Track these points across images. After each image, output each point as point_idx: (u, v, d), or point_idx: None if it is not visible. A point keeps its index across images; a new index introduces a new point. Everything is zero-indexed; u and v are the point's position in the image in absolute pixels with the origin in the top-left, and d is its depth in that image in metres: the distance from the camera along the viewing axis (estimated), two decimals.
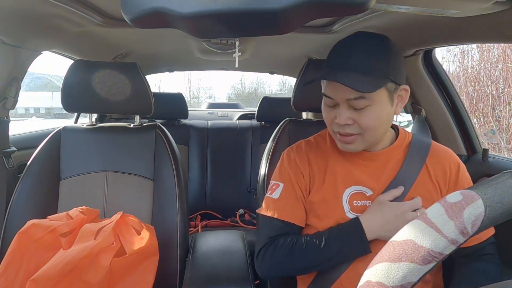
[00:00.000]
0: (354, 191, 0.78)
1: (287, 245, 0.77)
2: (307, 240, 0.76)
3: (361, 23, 1.13)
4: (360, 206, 0.77)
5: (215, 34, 0.63)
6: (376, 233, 0.72)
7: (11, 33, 1.02)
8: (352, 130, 0.73)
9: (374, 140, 0.77)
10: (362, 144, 0.75)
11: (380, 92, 0.70)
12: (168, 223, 1.05)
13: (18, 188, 1.03)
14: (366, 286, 0.34)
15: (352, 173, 0.79)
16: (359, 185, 0.78)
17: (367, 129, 0.72)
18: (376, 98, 0.70)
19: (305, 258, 0.75)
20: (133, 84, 1.11)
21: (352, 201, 0.77)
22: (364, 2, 0.48)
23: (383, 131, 0.77)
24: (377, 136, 0.76)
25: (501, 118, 4.10)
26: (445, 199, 0.35)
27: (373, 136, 0.75)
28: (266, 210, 0.82)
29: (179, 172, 1.11)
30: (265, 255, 0.80)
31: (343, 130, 0.74)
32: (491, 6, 0.71)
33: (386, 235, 0.72)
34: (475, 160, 1.24)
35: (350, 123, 0.72)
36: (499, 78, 4.25)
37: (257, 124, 2.21)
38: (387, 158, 0.79)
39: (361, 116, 0.71)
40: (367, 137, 0.74)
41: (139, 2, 0.51)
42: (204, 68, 2.55)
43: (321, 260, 0.75)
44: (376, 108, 0.71)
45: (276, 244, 0.79)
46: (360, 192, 0.78)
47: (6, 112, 1.16)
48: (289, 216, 0.81)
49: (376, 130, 0.74)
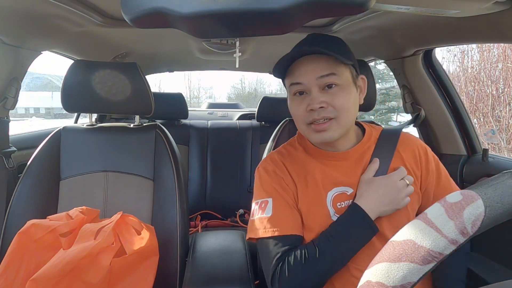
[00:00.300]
0: (336, 193, 0.78)
1: (300, 258, 0.71)
2: (316, 244, 0.72)
3: (361, 23, 1.13)
4: (344, 207, 0.77)
5: (215, 34, 0.63)
6: (376, 210, 0.72)
7: (11, 33, 1.02)
8: (327, 113, 0.73)
9: (347, 127, 0.77)
10: (337, 129, 0.75)
11: (346, 73, 0.74)
12: (168, 223, 1.05)
13: (18, 188, 1.03)
14: (366, 286, 0.34)
15: (330, 175, 0.79)
16: (339, 186, 0.78)
17: (341, 110, 0.73)
18: (343, 78, 0.73)
19: (323, 263, 0.71)
20: (133, 84, 1.11)
21: (336, 204, 0.77)
22: (364, 2, 0.48)
23: (353, 118, 0.78)
24: (349, 121, 0.77)
25: (501, 118, 4.11)
26: (445, 199, 0.35)
27: (347, 119, 0.75)
28: (264, 232, 0.76)
29: (179, 172, 1.11)
30: (280, 279, 0.72)
31: (318, 115, 0.73)
32: (491, 6, 0.71)
33: (385, 210, 0.73)
34: (475, 160, 1.24)
35: (325, 106, 0.73)
36: (499, 78, 4.25)
37: (257, 124, 2.21)
38: (359, 154, 0.81)
39: (334, 97, 0.73)
40: (341, 121, 0.74)
41: (139, 2, 0.51)
42: (204, 68, 2.55)
43: (337, 257, 0.72)
44: (345, 89, 0.74)
45: (288, 263, 0.71)
46: (342, 192, 0.78)
47: (6, 112, 1.16)
48: (290, 229, 0.76)
49: (348, 113, 0.75)
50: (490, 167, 1.15)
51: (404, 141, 0.83)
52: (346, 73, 0.74)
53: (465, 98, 4.29)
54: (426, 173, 0.81)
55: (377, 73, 8.25)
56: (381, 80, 8.56)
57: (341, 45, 0.77)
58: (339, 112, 0.73)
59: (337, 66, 0.73)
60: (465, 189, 0.35)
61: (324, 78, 0.72)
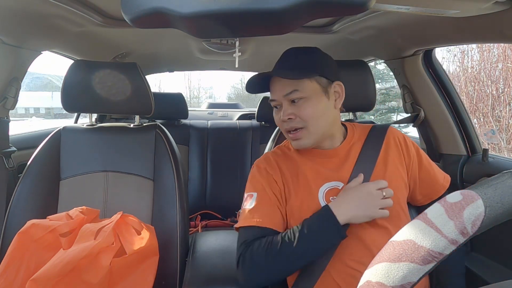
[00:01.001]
0: (328, 188, 0.83)
1: (264, 245, 0.76)
2: (282, 236, 0.76)
3: (361, 23, 1.13)
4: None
5: (215, 34, 0.63)
6: (346, 214, 0.75)
7: (11, 33, 1.02)
8: (296, 123, 0.81)
9: (320, 132, 0.83)
10: (309, 137, 0.82)
11: (311, 86, 0.80)
12: (168, 223, 1.05)
13: (18, 188, 1.03)
14: (366, 286, 0.34)
15: (320, 172, 0.85)
16: (330, 181, 0.83)
17: (308, 120, 0.80)
18: (308, 91, 0.80)
19: (284, 255, 0.74)
20: (133, 84, 1.11)
21: (329, 197, 0.82)
22: (364, 2, 0.48)
23: (326, 123, 0.83)
24: (321, 127, 0.82)
25: (501, 118, 4.11)
26: (445, 199, 0.35)
27: (317, 127, 0.81)
28: (243, 222, 0.82)
29: (179, 172, 1.11)
30: (244, 263, 0.78)
31: (288, 125, 0.82)
32: (491, 6, 0.71)
33: (357, 216, 0.75)
34: (475, 160, 1.24)
35: (293, 118, 0.81)
36: (499, 78, 4.25)
37: (257, 124, 2.21)
38: (346, 151, 0.87)
39: (299, 109, 0.80)
40: (311, 129, 0.81)
41: (139, 2, 0.51)
42: (204, 68, 2.55)
43: (298, 252, 0.74)
44: (311, 100, 0.80)
45: (252, 248, 0.77)
46: (333, 187, 0.83)
47: (6, 112, 1.16)
48: (265, 222, 0.80)
49: (317, 121, 0.81)
50: (490, 167, 1.15)
51: (390, 134, 0.90)
52: (311, 85, 0.80)
53: (465, 98, 4.29)
54: (408, 160, 0.87)
55: (377, 73, 8.24)
56: (381, 80, 8.56)
57: (312, 57, 0.83)
58: (307, 122, 0.81)
59: (300, 82, 0.79)
60: (465, 189, 0.35)
61: (288, 95, 0.80)
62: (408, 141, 0.90)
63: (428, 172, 0.89)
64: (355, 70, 1.16)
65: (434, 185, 0.90)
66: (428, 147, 1.41)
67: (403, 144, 0.89)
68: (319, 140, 0.84)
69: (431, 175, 0.90)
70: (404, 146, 0.89)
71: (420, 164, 0.89)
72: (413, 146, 0.90)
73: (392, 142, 0.88)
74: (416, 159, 0.88)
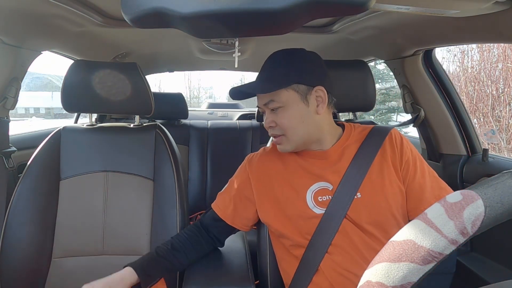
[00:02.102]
0: (317, 188, 0.83)
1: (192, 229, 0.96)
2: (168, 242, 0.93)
3: (361, 23, 1.13)
4: (325, 200, 0.82)
5: (215, 34, 0.63)
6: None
7: (11, 33, 1.02)
8: (276, 131, 0.84)
9: (299, 140, 0.83)
10: (288, 143, 0.84)
11: (288, 94, 0.80)
12: (168, 223, 1.05)
13: (18, 188, 1.03)
14: (366, 286, 0.34)
15: (310, 171, 0.85)
16: (319, 181, 0.84)
17: (286, 129, 0.82)
18: (285, 100, 0.80)
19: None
20: (133, 84, 1.10)
21: (317, 197, 0.83)
22: (364, 2, 0.48)
23: (305, 130, 0.83)
24: (300, 135, 0.83)
25: (501, 118, 4.11)
26: (445, 199, 0.35)
27: (296, 135, 0.82)
28: (213, 203, 0.97)
29: (179, 172, 1.11)
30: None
31: (270, 133, 0.85)
32: (491, 6, 0.71)
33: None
34: (475, 160, 1.24)
35: (273, 125, 0.83)
36: (499, 78, 4.25)
37: (257, 124, 2.21)
38: (338, 153, 0.86)
39: (278, 117, 0.82)
40: (290, 137, 0.83)
41: (139, 2, 0.51)
42: (204, 68, 2.55)
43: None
44: (289, 109, 0.81)
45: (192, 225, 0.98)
46: (323, 188, 0.83)
47: (6, 112, 1.16)
48: (218, 210, 0.95)
49: (294, 130, 0.82)
50: (490, 167, 1.15)
51: (390, 137, 0.86)
52: (287, 94, 0.80)
53: (465, 98, 4.29)
54: (400, 163, 0.83)
55: (377, 73, 8.24)
56: (381, 80, 8.56)
57: (289, 65, 0.82)
58: (285, 130, 0.82)
59: (276, 92, 0.80)
60: (465, 189, 0.35)
61: (267, 104, 0.83)
62: (405, 146, 0.85)
63: (420, 185, 0.81)
64: (355, 70, 1.16)
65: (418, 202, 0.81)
66: (428, 147, 1.41)
67: (399, 147, 0.85)
68: (300, 146, 0.85)
69: (420, 190, 0.81)
70: (399, 149, 0.84)
71: (414, 176, 0.82)
72: (410, 153, 0.84)
73: (389, 144, 0.85)
74: (410, 167, 0.83)
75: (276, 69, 0.83)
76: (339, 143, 0.87)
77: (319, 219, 0.81)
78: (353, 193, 0.80)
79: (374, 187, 0.81)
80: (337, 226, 0.79)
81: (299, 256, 0.83)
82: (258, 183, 0.90)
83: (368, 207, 0.79)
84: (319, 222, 0.80)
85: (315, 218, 0.81)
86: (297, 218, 0.83)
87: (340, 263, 0.78)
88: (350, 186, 0.81)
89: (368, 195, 0.80)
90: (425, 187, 0.81)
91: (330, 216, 0.80)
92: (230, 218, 0.94)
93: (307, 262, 0.82)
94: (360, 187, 0.80)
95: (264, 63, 0.86)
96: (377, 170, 0.82)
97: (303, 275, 0.82)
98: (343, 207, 0.79)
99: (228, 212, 0.93)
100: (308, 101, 0.81)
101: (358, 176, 0.81)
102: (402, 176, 0.83)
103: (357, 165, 0.82)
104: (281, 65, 0.83)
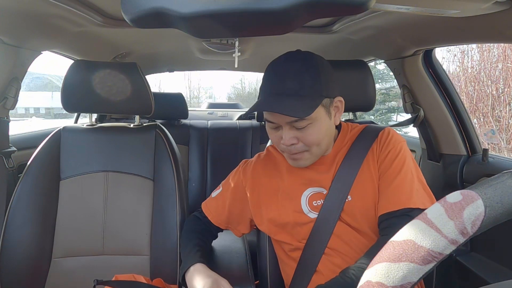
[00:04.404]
0: (311, 193, 0.83)
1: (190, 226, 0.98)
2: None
3: (361, 23, 1.13)
4: (319, 205, 0.81)
5: (215, 34, 0.63)
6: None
7: (11, 33, 1.02)
8: (298, 148, 0.77)
9: (321, 153, 0.82)
10: (310, 158, 0.80)
11: (318, 110, 0.73)
12: (168, 223, 1.05)
13: (18, 188, 1.03)
14: (366, 286, 0.34)
15: (306, 176, 0.84)
16: (314, 186, 0.83)
17: (312, 144, 0.76)
18: (315, 116, 0.73)
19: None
20: (133, 84, 1.10)
21: (312, 202, 0.82)
22: (364, 2, 0.48)
23: (327, 142, 0.81)
24: (323, 148, 0.81)
25: (501, 118, 4.11)
26: (445, 199, 0.35)
27: (319, 149, 0.79)
28: (204, 205, 0.99)
29: (179, 172, 1.11)
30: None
31: (289, 150, 0.77)
32: (491, 6, 0.71)
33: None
34: (475, 160, 1.24)
35: (295, 142, 0.76)
36: (499, 78, 4.25)
37: (257, 124, 2.21)
38: (332, 157, 0.84)
39: (304, 134, 0.75)
40: (314, 152, 0.78)
41: (139, 2, 0.51)
42: (204, 68, 2.55)
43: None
44: (317, 124, 0.75)
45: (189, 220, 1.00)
46: (317, 192, 0.83)
47: (6, 112, 1.16)
48: (210, 214, 0.95)
49: (320, 144, 0.78)
50: (490, 167, 1.15)
51: (382, 135, 0.82)
52: (318, 109, 0.73)
53: (465, 98, 4.29)
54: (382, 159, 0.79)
55: (377, 73, 8.25)
56: (381, 80, 8.57)
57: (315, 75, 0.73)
58: (310, 146, 0.77)
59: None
60: (465, 189, 0.35)
61: (293, 122, 0.74)
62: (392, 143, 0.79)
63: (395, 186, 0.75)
64: (355, 70, 1.16)
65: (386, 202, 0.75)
66: (428, 147, 1.41)
67: (384, 143, 0.80)
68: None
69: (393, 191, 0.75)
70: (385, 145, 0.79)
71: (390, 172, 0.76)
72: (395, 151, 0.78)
73: (378, 142, 0.81)
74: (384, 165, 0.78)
75: (304, 82, 0.72)
76: (335, 146, 0.85)
77: (314, 223, 0.81)
78: (344, 196, 0.79)
79: (364, 188, 0.79)
80: (331, 228, 0.79)
81: (296, 258, 0.84)
82: (253, 192, 0.90)
83: (360, 208, 0.78)
84: (313, 226, 0.81)
85: (310, 223, 0.81)
86: (293, 224, 0.83)
87: (338, 264, 0.78)
88: (341, 189, 0.79)
89: (359, 198, 0.79)
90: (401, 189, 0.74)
91: (323, 220, 0.80)
92: (224, 224, 0.96)
93: (305, 263, 0.82)
94: (351, 189, 0.79)
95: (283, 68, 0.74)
96: (366, 170, 0.80)
97: (302, 275, 0.82)
98: (336, 210, 0.79)
99: (223, 218, 0.95)
100: (330, 113, 0.78)
101: (348, 178, 0.79)
102: (379, 172, 0.79)
103: (347, 167, 0.81)
104: (308, 75, 0.73)
